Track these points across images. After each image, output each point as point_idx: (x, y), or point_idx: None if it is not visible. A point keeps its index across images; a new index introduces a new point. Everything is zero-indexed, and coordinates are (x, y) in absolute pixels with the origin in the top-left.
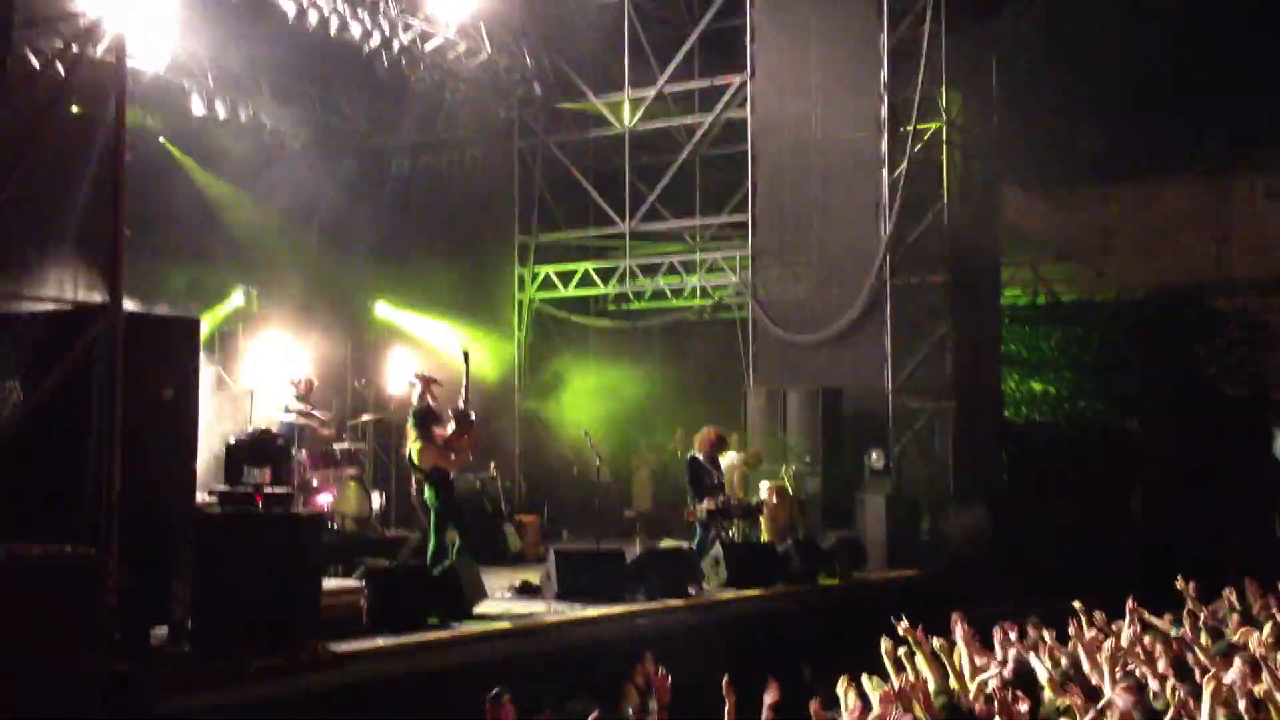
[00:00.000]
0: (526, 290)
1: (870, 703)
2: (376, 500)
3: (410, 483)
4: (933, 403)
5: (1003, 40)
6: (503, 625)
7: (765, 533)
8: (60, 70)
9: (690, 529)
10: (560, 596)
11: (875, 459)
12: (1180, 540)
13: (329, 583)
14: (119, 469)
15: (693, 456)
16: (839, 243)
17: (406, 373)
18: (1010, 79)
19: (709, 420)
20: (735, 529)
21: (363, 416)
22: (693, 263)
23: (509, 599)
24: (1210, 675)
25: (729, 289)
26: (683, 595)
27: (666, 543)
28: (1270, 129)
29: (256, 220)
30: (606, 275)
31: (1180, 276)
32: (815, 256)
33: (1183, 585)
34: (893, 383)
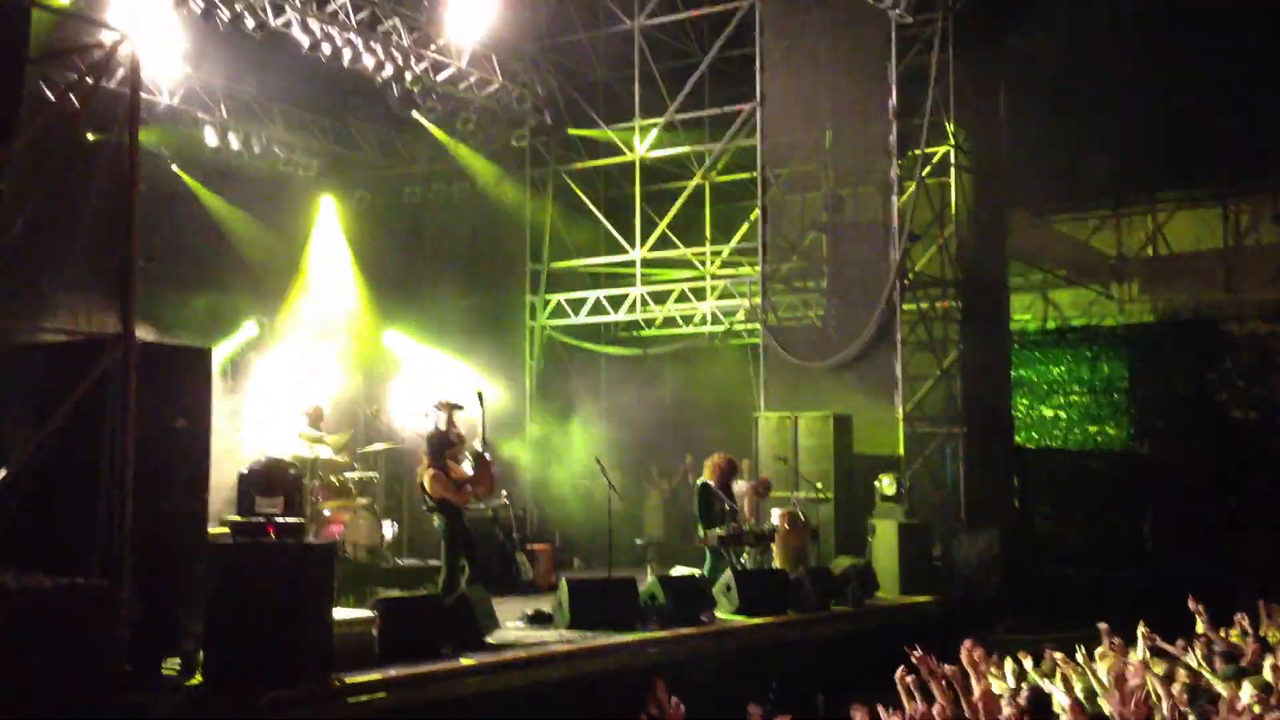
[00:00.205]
0: (538, 318)
1: None
2: (388, 530)
3: (421, 509)
4: (944, 428)
5: (1011, 65)
6: (515, 654)
7: (777, 559)
8: (74, 101)
9: (701, 555)
10: (573, 625)
11: (886, 485)
12: (1192, 564)
13: (341, 613)
14: (131, 500)
15: (704, 483)
16: (849, 268)
17: (425, 401)
18: (1019, 104)
19: (720, 447)
20: (747, 555)
21: (374, 446)
22: (703, 289)
23: (521, 628)
24: (1222, 700)
25: (739, 315)
26: (695, 623)
27: (678, 570)
28: None
29: (269, 250)
30: (617, 302)
31: (1190, 301)
32: (825, 282)
33: (1195, 605)
34: (904, 408)
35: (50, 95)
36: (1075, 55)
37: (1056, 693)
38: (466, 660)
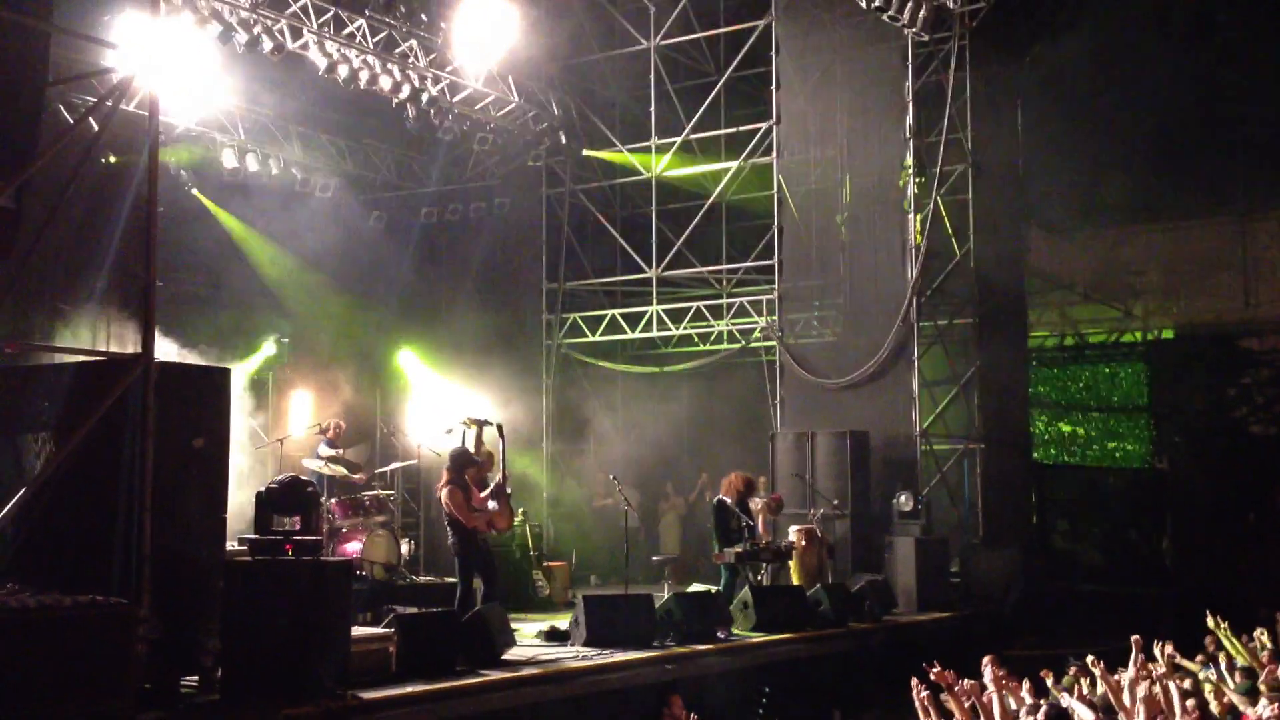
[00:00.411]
0: (554, 336)
1: None
2: (405, 548)
3: (441, 525)
4: (961, 445)
5: (1029, 83)
6: (532, 671)
7: (794, 576)
8: (94, 124)
9: (718, 572)
10: (589, 642)
11: (904, 501)
12: (1211, 580)
13: (358, 630)
14: (150, 519)
15: (720, 500)
16: (866, 286)
17: (444, 419)
18: (1036, 120)
19: (736, 464)
20: (764, 572)
21: (392, 464)
22: (719, 307)
23: (538, 645)
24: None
25: (756, 333)
26: (712, 640)
27: (694, 587)
28: None
29: (287, 270)
30: (634, 321)
31: (1208, 317)
32: (842, 300)
33: (1213, 621)
34: (921, 425)
35: (70, 118)
36: (1093, 72)
37: (1078, 706)
38: (483, 677)
